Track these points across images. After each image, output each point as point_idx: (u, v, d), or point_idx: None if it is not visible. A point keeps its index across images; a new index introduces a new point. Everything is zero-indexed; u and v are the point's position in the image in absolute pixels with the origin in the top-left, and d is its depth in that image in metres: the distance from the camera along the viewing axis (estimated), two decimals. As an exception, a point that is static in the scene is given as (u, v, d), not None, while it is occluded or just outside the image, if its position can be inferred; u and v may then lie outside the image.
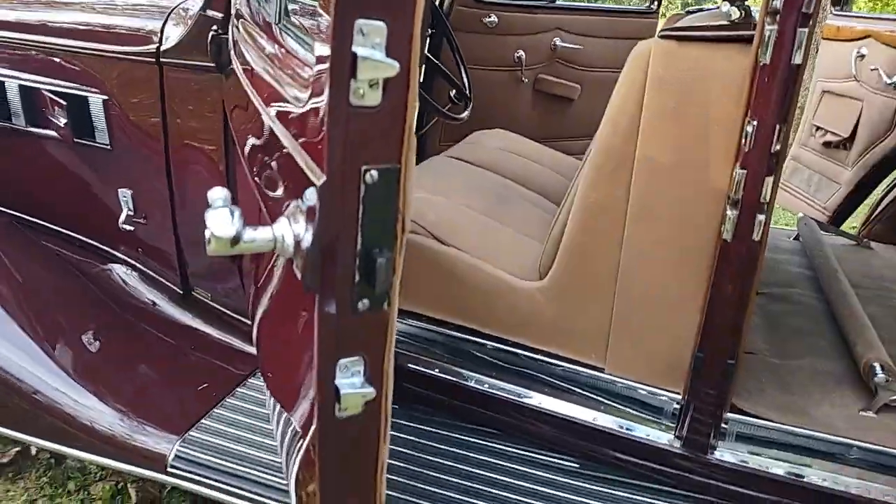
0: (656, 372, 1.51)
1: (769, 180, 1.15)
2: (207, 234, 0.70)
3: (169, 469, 1.61)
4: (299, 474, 1.22)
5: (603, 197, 1.39)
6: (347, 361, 0.72)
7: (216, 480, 1.58)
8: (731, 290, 1.26)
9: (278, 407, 1.49)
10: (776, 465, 1.46)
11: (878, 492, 1.39)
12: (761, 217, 1.18)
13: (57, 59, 1.91)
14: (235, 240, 0.71)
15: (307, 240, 0.69)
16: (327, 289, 0.70)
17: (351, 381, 0.72)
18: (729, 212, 1.20)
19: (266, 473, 1.57)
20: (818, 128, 3.09)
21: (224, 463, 1.60)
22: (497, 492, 1.54)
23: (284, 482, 1.56)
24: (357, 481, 0.80)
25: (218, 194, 0.73)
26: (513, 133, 2.57)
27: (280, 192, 0.89)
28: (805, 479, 1.44)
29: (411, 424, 1.76)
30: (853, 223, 3.22)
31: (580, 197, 1.44)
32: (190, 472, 1.60)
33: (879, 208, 2.67)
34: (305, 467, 1.18)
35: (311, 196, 0.69)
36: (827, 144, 3.02)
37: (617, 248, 1.42)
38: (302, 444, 1.18)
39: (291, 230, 0.73)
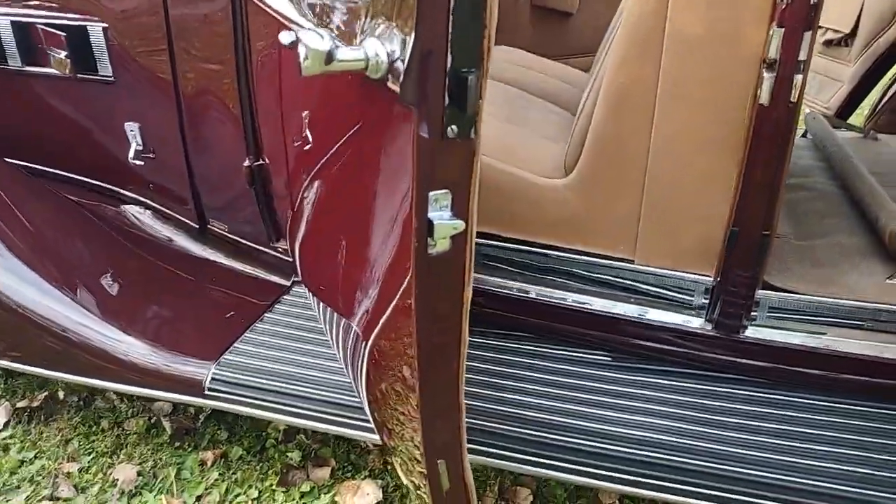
0: (687, 256, 1.52)
1: (807, 35, 1.13)
2: (302, 51, 0.71)
3: (207, 392, 1.63)
4: (369, 375, 1.23)
5: (632, 77, 1.37)
6: (437, 194, 0.72)
7: (256, 398, 1.60)
8: (770, 156, 1.26)
9: (335, 316, 1.49)
10: (808, 338, 1.49)
11: (911, 353, 1.43)
12: (799, 77, 1.17)
13: (48, -12, 1.84)
14: (329, 57, 0.71)
15: (403, 54, 0.69)
16: (423, 106, 0.70)
17: (440, 214, 0.72)
18: (766, 74, 1.19)
19: (305, 387, 1.58)
20: (819, 27, 3.06)
21: (262, 381, 1.62)
22: (534, 389, 1.56)
23: (324, 393, 1.58)
24: (446, 322, 0.81)
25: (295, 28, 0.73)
26: (516, 49, 2.53)
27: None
28: (837, 349, 1.47)
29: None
30: (856, 122, 3.22)
31: (608, 80, 1.42)
32: (228, 394, 1.62)
33: (884, 100, 2.66)
34: (374, 369, 1.19)
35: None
36: (828, 43, 3.00)
37: (647, 132, 1.41)
38: (366, 347, 1.19)
39: (385, 48, 0.73)
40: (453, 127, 0.71)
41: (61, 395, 2.05)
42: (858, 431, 1.43)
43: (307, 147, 1.41)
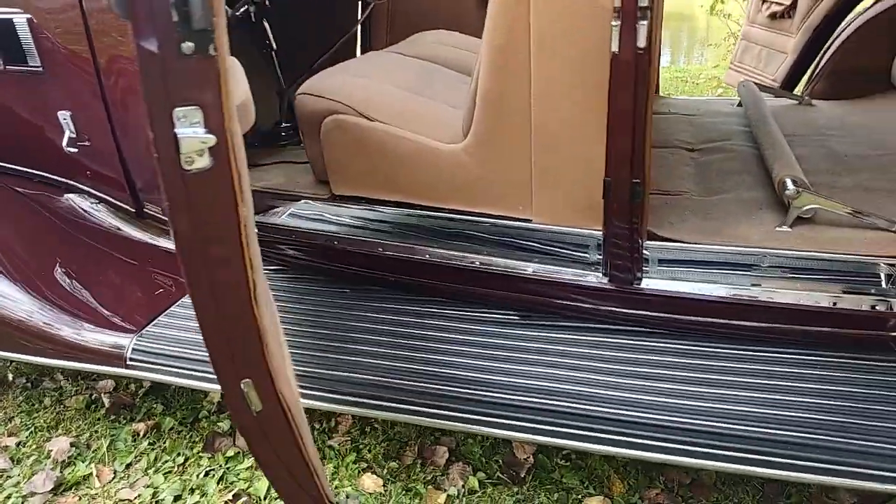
0: (578, 212, 1.56)
1: (643, -19, 1.18)
2: None
3: (129, 362, 1.69)
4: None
5: (507, 36, 1.42)
6: (184, 111, 0.75)
7: (177, 367, 1.66)
8: (626, 105, 1.30)
9: None
10: (698, 287, 1.52)
11: (793, 297, 1.46)
12: (644, 23, 1.21)
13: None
14: None
15: None
16: (148, 21, 0.72)
17: (191, 131, 0.76)
18: (613, 23, 1.23)
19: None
20: (763, 0, 3.09)
21: (183, 350, 1.68)
22: (447, 348, 1.61)
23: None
24: (223, 243, 0.85)
25: None
26: (457, 32, 2.58)
27: None
28: (725, 294, 1.50)
29: (369, 304, 1.83)
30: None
31: (486, 42, 1.47)
32: (149, 363, 1.68)
33: (819, 68, 2.68)
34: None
35: None
36: (773, 16, 3.02)
37: (527, 89, 1.46)
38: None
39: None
40: (188, 44, 0.75)
41: (10, 377, 2.13)
42: (751, 374, 1.46)
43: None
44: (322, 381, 1.56)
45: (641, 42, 1.23)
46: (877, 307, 1.42)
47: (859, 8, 2.70)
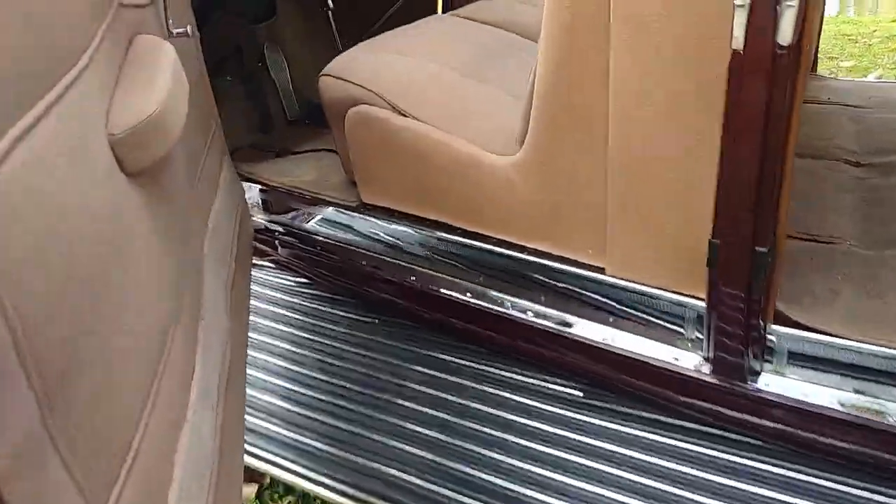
0: (670, 269, 1.08)
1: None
2: None
3: None
4: None
5: (575, 8, 0.94)
6: None
7: None
8: (752, 133, 0.79)
9: None
10: (846, 398, 1.01)
11: None
12: (791, 5, 0.70)
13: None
14: None
15: None
16: None
17: None
18: (738, 1, 0.73)
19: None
20: None
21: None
22: (491, 436, 1.22)
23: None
24: None
25: None
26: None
27: None
28: (889, 420, 0.98)
29: (389, 342, 1.47)
30: None
31: (547, 16, 1.00)
32: None
33: None
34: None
35: None
36: None
37: (603, 89, 0.98)
38: None
39: None
40: None
41: None
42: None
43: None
44: (315, 457, 1.22)
45: (786, 36, 0.71)
46: None
47: None
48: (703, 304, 1.06)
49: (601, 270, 1.18)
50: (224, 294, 1.16)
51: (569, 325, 1.23)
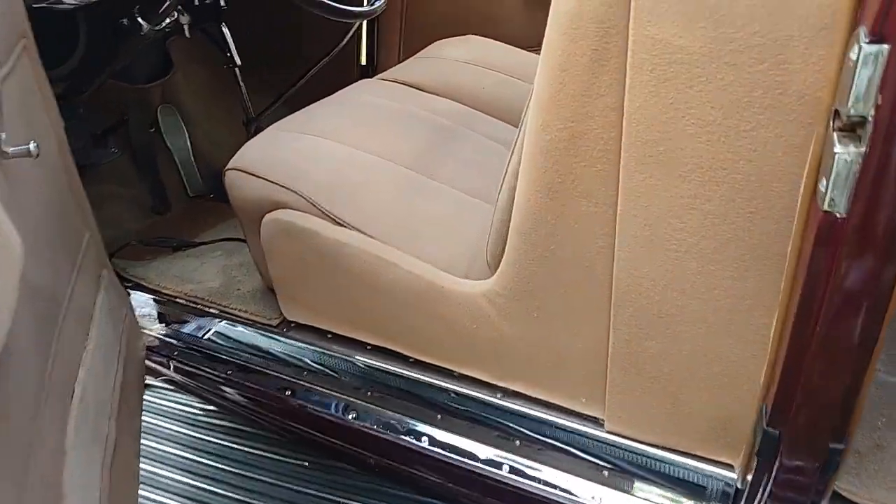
0: (692, 432, 0.86)
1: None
2: None
3: None
4: None
5: (573, 124, 0.71)
6: None
7: None
8: (846, 315, 0.58)
9: None
10: None
11: None
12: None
13: None
14: None
15: None
16: None
17: None
18: (837, 138, 0.52)
19: None
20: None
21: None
22: None
23: None
24: None
25: None
26: (491, 39, 1.83)
27: None
28: None
29: (325, 496, 1.18)
30: None
31: (532, 128, 0.76)
32: None
33: None
34: None
35: None
36: None
37: (608, 211, 0.74)
38: None
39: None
40: None
41: None
42: None
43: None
44: None
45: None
46: None
47: None
48: (733, 474, 0.84)
49: (597, 422, 0.94)
50: (98, 477, 0.86)
51: (548, 481, 0.99)
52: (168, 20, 1.34)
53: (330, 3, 1.13)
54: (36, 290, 0.82)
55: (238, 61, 1.69)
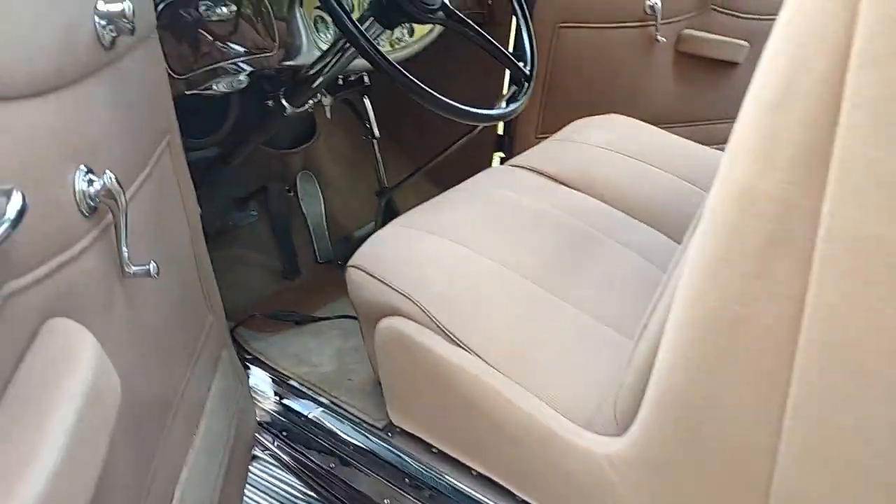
0: None
1: None
2: None
3: None
4: None
5: (737, 308, 0.59)
6: None
7: None
8: None
9: None
10: None
11: None
12: None
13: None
14: None
15: None
16: None
17: None
18: None
19: None
20: None
21: None
22: None
23: None
24: None
25: None
26: (635, 119, 1.71)
27: None
28: None
29: None
30: None
31: (686, 294, 0.64)
32: None
33: None
34: None
35: None
36: None
37: (772, 423, 0.61)
38: None
39: None
40: None
41: None
42: None
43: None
44: None
45: None
46: None
47: None
48: None
49: None
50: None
51: None
52: (311, 101, 1.36)
53: (461, 106, 1.07)
54: (144, 407, 0.81)
55: (377, 134, 1.69)
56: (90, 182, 0.66)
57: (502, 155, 2.12)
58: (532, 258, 1.07)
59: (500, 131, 2.05)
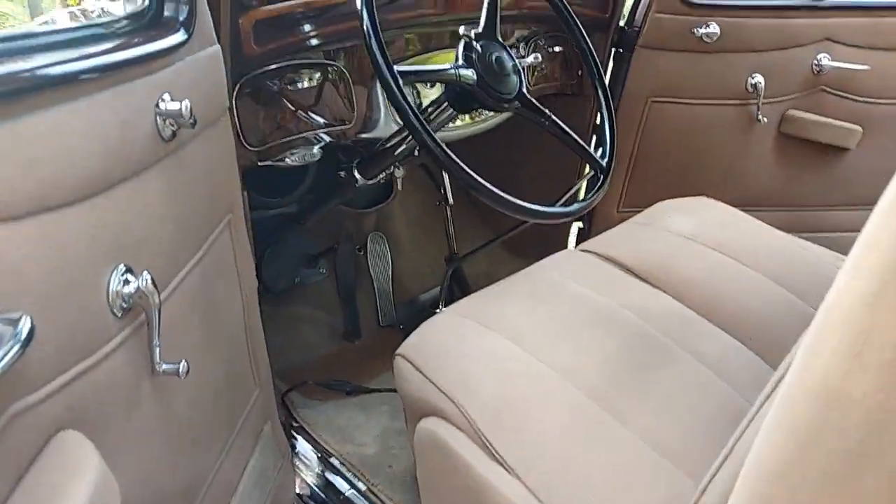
0: None
1: None
2: None
3: None
4: None
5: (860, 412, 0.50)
6: None
7: None
8: None
9: None
10: None
11: None
12: None
13: None
14: None
15: None
16: None
17: None
18: None
19: None
20: None
21: None
22: None
23: None
24: None
25: None
26: (725, 205, 1.58)
27: None
28: None
29: None
30: None
31: (787, 407, 0.55)
32: None
33: None
34: None
35: None
36: None
37: None
38: None
39: None
40: None
41: None
42: None
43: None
44: None
45: None
46: None
47: None
48: None
49: None
50: None
51: None
52: (384, 174, 1.35)
53: (524, 204, 1.01)
54: (167, 497, 0.80)
55: (451, 200, 1.66)
56: (126, 282, 0.65)
57: (580, 225, 2.04)
58: (592, 366, 0.99)
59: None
